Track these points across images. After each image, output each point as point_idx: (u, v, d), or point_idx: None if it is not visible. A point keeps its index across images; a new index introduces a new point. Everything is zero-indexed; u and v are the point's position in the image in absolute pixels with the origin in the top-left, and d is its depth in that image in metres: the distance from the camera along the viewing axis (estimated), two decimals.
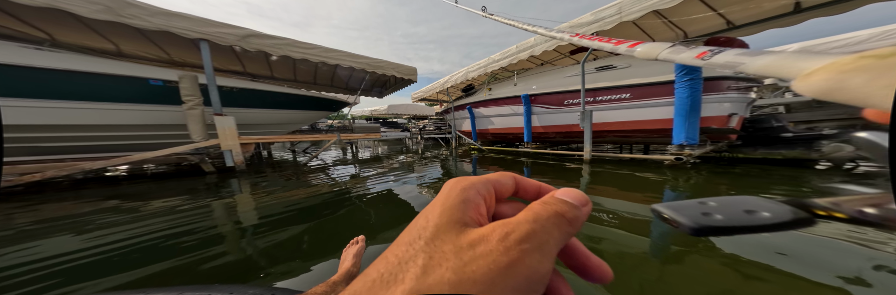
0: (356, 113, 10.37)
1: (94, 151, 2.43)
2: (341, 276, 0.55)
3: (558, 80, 3.27)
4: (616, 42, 0.60)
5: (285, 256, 0.86)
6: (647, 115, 2.60)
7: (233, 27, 2.54)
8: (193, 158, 2.55)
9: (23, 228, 1.17)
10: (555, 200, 0.11)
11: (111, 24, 2.38)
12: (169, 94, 2.47)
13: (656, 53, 0.46)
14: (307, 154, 5.18)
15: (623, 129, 2.82)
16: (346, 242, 0.74)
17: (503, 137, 4.69)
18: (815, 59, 0.20)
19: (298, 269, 0.77)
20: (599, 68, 2.89)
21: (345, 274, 0.57)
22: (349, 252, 0.69)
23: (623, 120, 2.76)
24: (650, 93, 2.54)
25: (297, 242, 0.97)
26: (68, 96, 2.09)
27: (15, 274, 0.77)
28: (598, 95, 2.84)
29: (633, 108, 2.66)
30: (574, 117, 3.02)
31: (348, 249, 0.71)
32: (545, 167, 2.60)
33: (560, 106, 3.23)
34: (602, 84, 2.80)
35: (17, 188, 1.83)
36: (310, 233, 1.05)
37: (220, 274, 0.76)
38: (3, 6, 2.02)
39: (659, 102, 2.49)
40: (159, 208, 1.40)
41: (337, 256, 0.73)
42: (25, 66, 1.89)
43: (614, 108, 2.77)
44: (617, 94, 2.72)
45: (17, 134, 2.04)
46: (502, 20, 1.94)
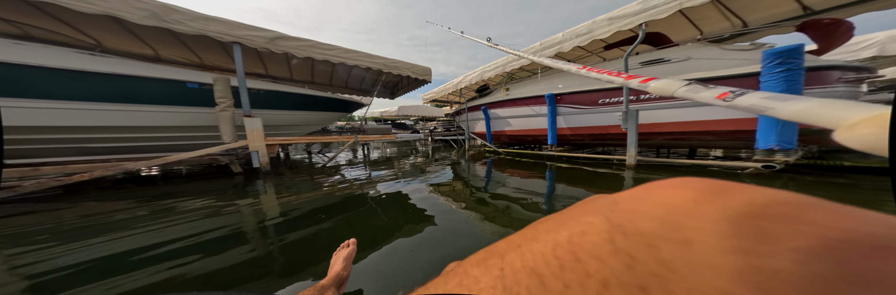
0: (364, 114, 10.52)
1: (134, 151, 2.57)
2: (331, 280, 0.53)
3: (590, 79, 3.21)
4: (627, 76, 0.58)
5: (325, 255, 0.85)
6: (714, 114, 2.25)
7: (263, 30, 2.64)
8: (224, 159, 2.64)
9: (104, 222, 1.22)
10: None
11: (151, 30, 2.54)
12: (203, 96, 2.58)
13: (672, 90, 0.44)
14: (322, 155, 5.28)
15: (678, 131, 2.51)
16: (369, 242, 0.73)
17: (521, 139, 4.57)
18: (854, 109, 0.20)
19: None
20: (646, 63, 2.64)
21: (334, 278, 0.55)
22: (339, 255, 0.67)
23: (680, 120, 2.45)
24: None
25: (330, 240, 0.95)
26: (117, 99, 2.23)
27: (101, 265, 0.80)
28: (644, 93, 2.56)
29: (695, 107, 2.33)
30: (611, 118, 2.83)
31: (338, 252, 0.69)
32: (573, 172, 2.39)
33: (592, 106, 3.03)
34: None
35: (58, 190, 1.92)
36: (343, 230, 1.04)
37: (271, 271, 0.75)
38: (60, 14, 2.17)
39: None
40: (205, 207, 1.45)
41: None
42: (83, 71, 2.04)
43: (667, 106, 2.47)
44: None
45: (71, 135, 2.18)
46: (507, 50, 1.86)
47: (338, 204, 1.51)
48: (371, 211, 1.36)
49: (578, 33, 2.70)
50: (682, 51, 2.47)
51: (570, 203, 1.38)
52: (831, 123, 0.21)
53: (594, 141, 3.45)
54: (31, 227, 1.20)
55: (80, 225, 1.21)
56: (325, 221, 1.22)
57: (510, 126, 4.37)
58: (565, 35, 2.83)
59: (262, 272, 0.78)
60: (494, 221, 1.19)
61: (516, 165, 2.96)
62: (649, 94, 2.55)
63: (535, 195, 1.63)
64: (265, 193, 1.82)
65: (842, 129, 0.17)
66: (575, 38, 2.71)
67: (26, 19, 2.22)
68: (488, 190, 1.80)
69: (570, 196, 1.58)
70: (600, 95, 2.95)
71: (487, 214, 1.28)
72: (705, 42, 2.44)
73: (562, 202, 1.48)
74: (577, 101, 3.17)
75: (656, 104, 2.54)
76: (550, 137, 3.49)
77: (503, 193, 1.68)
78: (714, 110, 2.28)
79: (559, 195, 1.63)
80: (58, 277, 0.78)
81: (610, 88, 2.82)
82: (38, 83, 1.92)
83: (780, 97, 0.29)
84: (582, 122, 3.22)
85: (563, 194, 1.64)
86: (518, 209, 1.33)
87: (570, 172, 2.40)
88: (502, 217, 1.23)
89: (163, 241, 1.02)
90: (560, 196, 1.61)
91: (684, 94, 0.42)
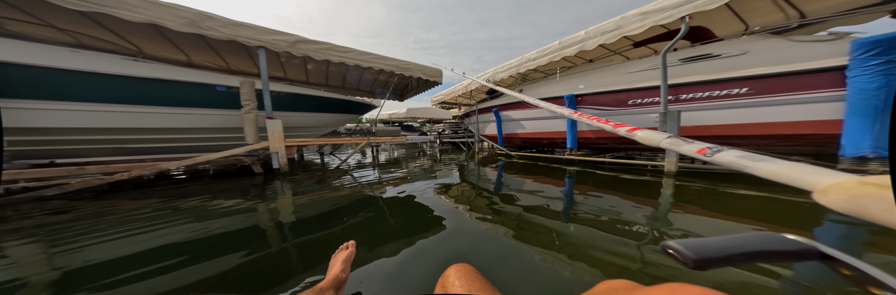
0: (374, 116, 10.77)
1: (167, 151, 2.72)
2: (329, 282, 0.53)
3: (617, 78, 2.88)
4: (614, 124, 0.60)
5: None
6: (782, 115, 1.97)
7: (285, 34, 2.76)
8: (247, 160, 2.75)
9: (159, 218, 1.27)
10: None
11: (186, 36, 2.71)
12: (231, 99, 2.72)
13: (657, 141, 0.47)
14: (334, 156, 5.39)
15: (733, 135, 2.23)
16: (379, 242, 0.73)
17: (535, 142, 4.44)
18: (820, 174, 0.23)
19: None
20: (687, 60, 2.37)
21: (333, 280, 0.55)
22: (338, 258, 0.67)
23: (736, 122, 2.17)
24: (791, 85, 1.90)
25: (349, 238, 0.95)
26: (156, 102, 2.40)
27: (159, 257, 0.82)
28: (686, 92, 2.35)
29: (756, 107, 2.06)
30: (644, 120, 2.64)
31: (337, 254, 0.69)
32: (599, 179, 2.20)
33: (620, 107, 2.85)
34: (695, 78, 2.26)
35: (101, 188, 2.05)
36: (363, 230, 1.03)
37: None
38: (109, 24, 2.37)
39: (807, 98, 1.84)
40: (234, 205, 1.49)
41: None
42: (128, 76, 2.22)
43: (719, 107, 2.20)
44: (724, 89, 2.15)
45: (114, 136, 2.36)
46: (503, 91, 1.52)
47: (352, 206, 1.52)
48: (381, 213, 1.36)
49: (604, 30, 2.57)
50: (735, 45, 2.17)
51: (598, 213, 1.24)
52: (804, 185, 0.23)
53: (620, 145, 3.24)
54: (81, 221, 1.28)
55: (123, 220, 1.28)
56: (337, 223, 1.23)
57: (524, 128, 4.29)
58: (589, 33, 2.71)
59: (274, 272, 0.78)
60: (509, 226, 1.15)
61: (531, 170, 2.86)
62: (694, 93, 2.33)
63: (558, 203, 1.53)
64: (283, 195, 1.86)
65: (817, 192, 0.19)
66: (600, 35, 2.58)
67: (80, 29, 2.45)
68: (502, 196, 1.72)
69: (600, 207, 1.41)
70: (631, 95, 2.76)
71: (500, 219, 1.24)
72: (765, 34, 2.16)
73: (590, 213, 1.34)
74: (601, 102, 3.01)
75: (704, 104, 2.27)
76: (570, 141, 3.33)
77: (518, 199, 1.60)
78: (784, 110, 1.97)
79: (587, 204, 1.50)
80: (105, 268, 0.81)
81: (642, 88, 2.64)
82: (89, 88, 2.09)
83: (754, 157, 0.31)
84: None
85: (593, 204, 1.47)
86: (537, 217, 1.26)
87: (596, 179, 2.23)
88: (519, 225, 1.18)
89: (187, 238, 1.06)
90: (588, 205, 1.47)
91: (668, 146, 0.44)
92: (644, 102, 2.68)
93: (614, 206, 1.42)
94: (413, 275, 0.78)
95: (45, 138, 2.05)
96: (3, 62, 1.78)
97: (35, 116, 1.94)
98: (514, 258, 0.88)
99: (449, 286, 0.37)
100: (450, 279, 0.38)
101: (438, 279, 0.41)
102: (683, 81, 2.32)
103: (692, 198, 1.57)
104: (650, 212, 1.33)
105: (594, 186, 1.95)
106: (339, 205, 1.55)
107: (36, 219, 1.36)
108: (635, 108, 2.76)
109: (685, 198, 1.57)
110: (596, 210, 1.35)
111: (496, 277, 0.75)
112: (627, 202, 1.48)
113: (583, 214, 1.30)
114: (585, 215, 1.29)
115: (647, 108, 2.65)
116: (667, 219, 1.24)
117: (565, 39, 3.02)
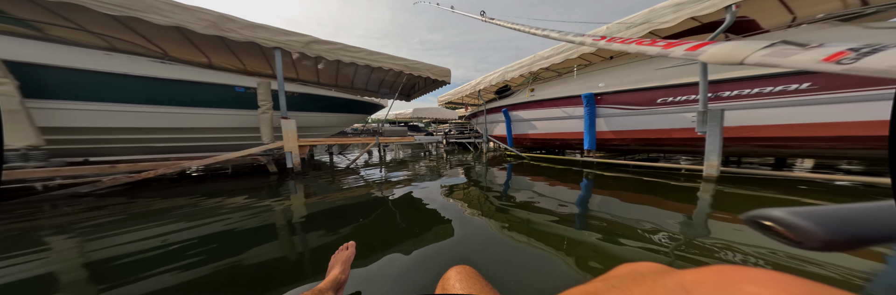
0: (381, 116, 10.97)
1: (188, 151, 2.84)
2: (328, 283, 0.53)
3: (645, 75, 2.72)
4: (665, 44, 0.44)
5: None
6: (853, 113, 1.76)
7: (300, 35, 2.83)
8: (263, 159, 2.83)
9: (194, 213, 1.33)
10: None
11: (208, 39, 2.82)
12: (248, 99, 2.81)
13: (741, 56, 0.31)
14: (343, 156, 5.47)
15: (789, 136, 2.02)
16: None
17: (547, 144, 4.36)
18: None
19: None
20: None
21: (332, 281, 0.55)
22: (338, 258, 0.67)
23: (793, 122, 1.97)
24: (869, 79, 1.68)
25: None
26: (180, 103, 2.53)
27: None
28: (730, 89, 2.14)
29: (820, 105, 1.85)
30: (675, 120, 2.47)
31: (337, 254, 0.69)
32: (621, 183, 2.04)
33: (647, 106, 2.68)
34: (744, 72, 2.04)
35: (128, 186, 2.14)
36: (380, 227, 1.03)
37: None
38: (137, 27, 2.50)
39: (885, 94, 1.65)
40: (250, 204, 1.53)
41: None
42: (156, 77, 2.34)
43: (771, 105, 2.00)
44: (779, 84, 1.95)
45: (142, 136, 2.49)
46: (506, 25, 1.43)
47: (363, 206, 1.54)
48: (390, 214, 1.37)
49: (631, 23, 2.41)
50: (793, 35, 1.97)
51: (623, 221, 1.11)
52: None
53: (644, 146, 3.05)
54: (115, 216, 1.35)
55: (152, 216, 1.33)
56: (349, 223, 1.24)
57: (535, 129, 4.21)
58: (612, 27, 2.56)
59: (291, 269, 0.78)
60: (520, 231, 1.11)
61: (544, 172, 2.76)
62: (740, 90, 2.09)
63: (576, 208, 1.45)
64: (296, 193, 1.91)
65: None
66: (625, 30, 2.44)
67: (112, 32, 2.61)
68: (510, 199, 1.66)
69: (628, 215, 1.28)
70: (659, 94, 2.57)
71: (510, 222, 1.21)
72: (833, 22, 1.96)
73: (612, 219, 1.26)
74: (625, 101, 2.86)
75: (752, 102, 2.03)
76: (587, 142, 3.19)
77: (531, 203, 1.53)
78: (854, 108, 1.73)
79: (612, 212, 1.40)
80: (138, 261, 0.84)
81: (674, 85, 2.46)
82: (121, 89, 2.22)
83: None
84: (631, 125, 2.88)
85: (619, 213, 1.34)
86: (557, 226, 1.19)
87: (619, 183, 2.07)
88: (530, 230, 1.13)
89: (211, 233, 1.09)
90: (612, 213, 1.36)
91: (762, 59, 0.30)
92: (676, 101, 2.49)
93: (645, 214, 1.31)
94: (420, 277, 0.78)
95: (81, 137, 2.18)
96: (46, 65, 1.91)
97: (72, 116, 2.07)
98: (522, 262, 0.85)
99: (449, 288, 0.37)
100: (450, 281, 0.38)
101: (439, 281, 0.41)
102: (728, 77, 2.10)
103: (741, 206, 1.39)
104: (685, 220, 1.22)
105: (620, 191, 1.81)
106: (350, 205, 1.58)
107: (75, 215, 1.45)
108: (665, 108, 2.58)
109: (731, 206, 1.37)
110: (624, 219, 1.25)
111: (500, 280, 0.74)
112: (660, 210, 1.34)
113: (608, 224, 1.21)
114: (612, 224, 1.20)
115: (680, 106, 2.46)
116: (706, 227, 1.14)
117: (588, 34, 2.94)
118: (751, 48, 0.32)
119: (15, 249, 1.02)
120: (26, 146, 1.77)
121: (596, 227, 1.16)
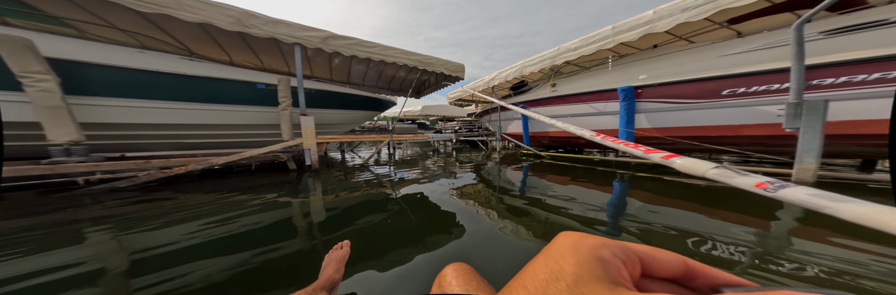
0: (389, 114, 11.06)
1: (214, 147, 2.95)
2: (322, 283, 0.54)
3: (704, 62, 2.42)
4: (645, 150, 0.54)
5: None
6: None
7: (318, 30, 2.86)
8: (284, 156, 2.90)
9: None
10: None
11: (230, 36, 2.89)
12: (268, 96, 2.88)
13: (701, 171, 0.42)
14: (355, 154, 5.55)
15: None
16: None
17: (568, 142, 4.23)
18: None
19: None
20: (835, 32, 1.82)
21: (326, 280, 0.55)
22: (332, 257, 0.67)
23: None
24: None
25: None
26: (205, 99, 2.64)
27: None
28: (832, 75, 1.83)
29: None
30: (747, 114, 2.16)
31: (331, 253, 0.69)
32: (669, 188, 1.79)
33: (709, 98, 2.37)
34: (859, 54, 1.73)
35: (161, 181, 2.24)
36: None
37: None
38: (166, 25, 2.59)
39: None
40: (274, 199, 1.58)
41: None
42: (185, 74, 2.45)
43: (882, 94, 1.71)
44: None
45: (172, 132, 2.63)
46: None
47: (377, 205, 1.56)
48: (404, 213, 1.37)
49: (688, 6, 2.13)
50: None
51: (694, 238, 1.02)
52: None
53: (696, 145, 2.66)
54: (155, 210, 1.42)
55: (190, 210, 1.39)
56: (364, 221, 1.25)
57: (556, 127, 4.15)
58: (661, 11, 2.28)
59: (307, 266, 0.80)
60: (533, 234, 1.07)
61: (562, 171, 2.66)
62: (850, 76, 1.78)
63: (626, 218, 1.33)
64: (315, 192, 1.94)
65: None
66: (681, 12, 2.15)
67: (140, 30, 2.72)
68: (532, 201, 1.60)
69: (701, 231, 1.07)
70: (726, 84, 2.25)
71: (526, 225, 1.18)
72: None
73: (680, 233, 1.11)
74: (675, 93, 2.57)
75: (865, 91, 1.74)
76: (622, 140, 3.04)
77: (557, 207, 1.45)
78: None
79: (671, 222, 1.25)
80: (178, 252, 0.88)
81: (748, 74, 2.09)
82: (154, 86, 2.33)
83: (833, 197, 0.27)
84: (682, 121, 2.59)
85: (681, 225, 1.18)
86: (599, 232, 1.13)
87: (672, 190, 1.78)
88: (542, 230, 1.10)
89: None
90: (675, 224, 1.20)
91: (715, 177, 0.39)
92: (751, 92, 2.13)
93: (718, 229, 1.10)
94: (428, 279, 0.77)
95: (117, 133, 2.31)
96: (85, 62, 2.01)
97: (109, 113, 2.20)
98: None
99: (446, 286, 0.37)
100: (447, 278, 0.38)
101: (435, 278, 0.41)
102: (834, 60, 1.78)
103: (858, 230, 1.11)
104: (775, 240, 1.00)
105: (675, 199, 1.55)
106: (367, 202, 1.59)
107: (120, 208, 1.53)
108: (733, 100, 2.23)
109: (831, 223, 1.08)
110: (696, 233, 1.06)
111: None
112: (742, 227, 1.10)
113: (679, 236, 1.08)
114: (681, 237, 1.06)
115: (758, 98, 2.10)
116: (806, 252, 0.98)
117: (622, 23, 2.72)
118: (704, 167, 0.42)
119: (65, 244, 1.09)
120: (68, 141, 1.88)
121: (666, 243, 1.04)
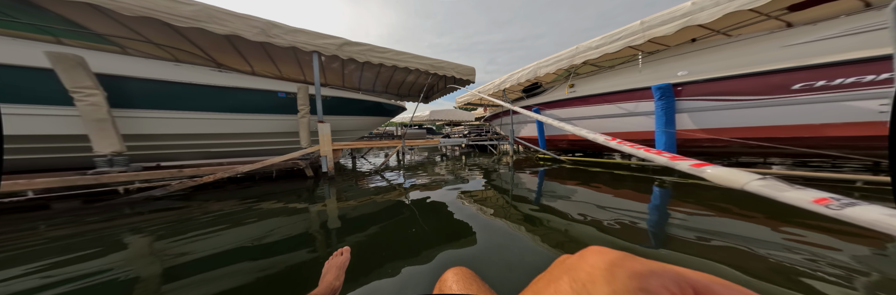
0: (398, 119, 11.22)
1: (237, 155, 3.09)
2: (323, 289, 0.55)
3: (763, 54, 2.19)
4: (670, 156, 0.47)
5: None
6: None
7: (334, 37, 2.95)
8: (302, 163, 2.98)
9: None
10: None
11: (252, 46, 3.05)
12: (288, 104, 2.99)
13: (741, 183, 0.35)
14: (364, 160, 5.63)
15: None
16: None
17: (589, 146, 4.06)
18: None
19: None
20: None
21: (327, 288, 0.56)
22: (332, 264, 0.67)
23: None
24: None
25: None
26: (231, 109, 2.79)
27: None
28: None
29: None
30: (833, 110, 1.91)
31: (331, 260, 0.69)
32: (704, 193, 1.66)
33: (775, 94, 2.11)
34: None
35: (190, 189, 2.35)
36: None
37: None
38: (195, 38, 2.76)
39: None
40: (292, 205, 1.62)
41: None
42: (215, 86, 2.59)
43: None
44: None
45: (201, 141, 2.78)
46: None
47: (393, 210, 1.59)
48: (415, 220, 1.37)
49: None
50: None
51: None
52: None
53: (753, 147, 2.35)
54: (197, 216, 1.48)
55: (220, 217, 1.43)
56: (384, 228, 1.26)
57: (566, 130, 3.99)
58: (702, 2, 2.12)
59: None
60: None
61: (587, 178, 2.50)
62: None
63: (691, 234, 1.22)
64: (329, 198, 1.97)
65: None
66: (729, 1, 1.99)
67: (173, 43, 2.93)
68: (557, 208, 1.52)
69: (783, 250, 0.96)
70: (799, 77, 1.98)
71: (546, 235, 1.16)
72: None
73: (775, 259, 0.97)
74: (727, 90, 2.33)
75: None
76: (662, 142, 2.67)
77: (582, 214, 1.38)
78: None
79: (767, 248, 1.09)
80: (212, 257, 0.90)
81: (831, 64, 1.86)
82: (188, 97, 2.47)
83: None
84: (739, 121, 2.34)
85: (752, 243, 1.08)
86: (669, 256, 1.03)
87: (704, 195, 1.67)
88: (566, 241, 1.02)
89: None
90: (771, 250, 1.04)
91: (758, 190, 0.33)
92: (833, 85, 1.89)
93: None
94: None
95: (155, 143, 2.46)
96: (128, 77, 2.19)
97: (148, 124, 2.36)
98: None
99: (447, 290, 0.38)
100: (447, 283, 0.39)
101: (436, 283, 0.42)
102: None
103: None
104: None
105: (734, 207, 1.39)
106: (383, 210, 1.62)
107: (161, 216, 1.62)
108: (811, 95, 1.98)
109: None
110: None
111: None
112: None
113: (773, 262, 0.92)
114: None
115: (844, 92, 1.86)
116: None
117: (653, 17, 2.57)
118: (747, 178, 0.36)
119: (106, 250, 1.14)
120: (112, 152, 2.02)
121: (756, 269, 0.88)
